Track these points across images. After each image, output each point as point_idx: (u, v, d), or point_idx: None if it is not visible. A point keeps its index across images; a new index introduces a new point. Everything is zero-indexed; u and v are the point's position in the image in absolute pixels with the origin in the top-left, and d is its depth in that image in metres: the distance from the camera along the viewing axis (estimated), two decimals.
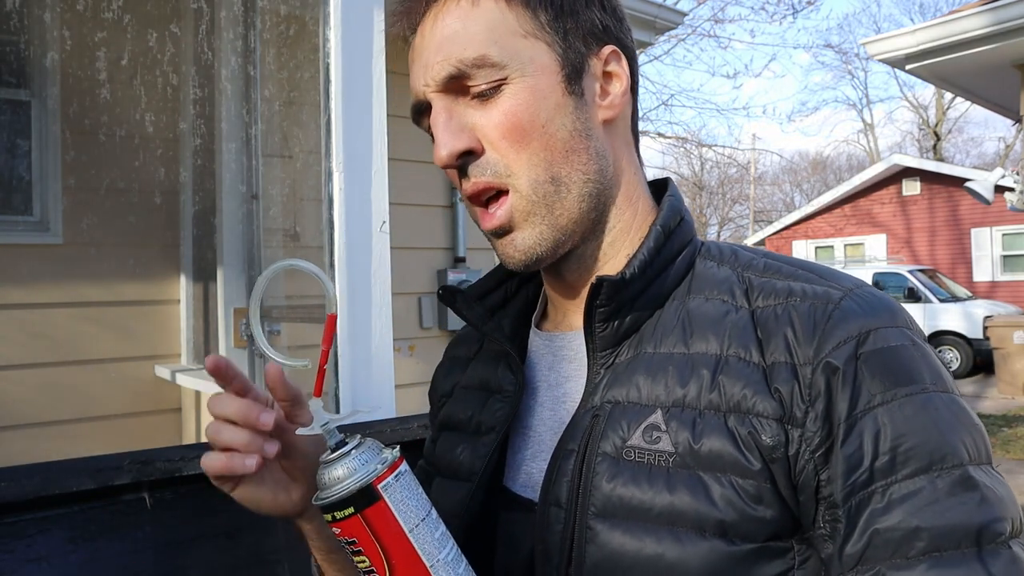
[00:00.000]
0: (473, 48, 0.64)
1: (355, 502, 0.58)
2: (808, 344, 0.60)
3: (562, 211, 0.67)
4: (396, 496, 0.58)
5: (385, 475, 0.59)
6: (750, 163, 28.27)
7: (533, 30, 0.65)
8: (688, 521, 0.58)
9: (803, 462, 0.57)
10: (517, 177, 0.66)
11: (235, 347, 2.73)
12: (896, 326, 0.61)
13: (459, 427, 0.78)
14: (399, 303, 3.29)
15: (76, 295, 2.83)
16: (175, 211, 3.06)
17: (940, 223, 15.52)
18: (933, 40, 5.25)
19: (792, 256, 0.71)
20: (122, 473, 1.12)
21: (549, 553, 0.64)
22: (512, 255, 0.68)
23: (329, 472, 0.59)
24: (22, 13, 2.70)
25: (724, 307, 0.65)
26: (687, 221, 0.72)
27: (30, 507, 1.07)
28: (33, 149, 2.79)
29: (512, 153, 0.65)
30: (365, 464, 0.59)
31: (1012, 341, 8.88)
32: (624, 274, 0.65)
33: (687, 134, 24.30)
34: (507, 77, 0.64)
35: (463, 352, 0.86)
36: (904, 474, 0.55)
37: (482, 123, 0.66)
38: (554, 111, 0.65)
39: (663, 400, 0.63)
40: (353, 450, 0.60)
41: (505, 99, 0.65)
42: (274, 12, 2.76)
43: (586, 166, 0.67)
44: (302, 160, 2.88)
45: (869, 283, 0.75)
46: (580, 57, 0.67)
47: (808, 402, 0.58)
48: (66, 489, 1.08)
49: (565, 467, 0.65)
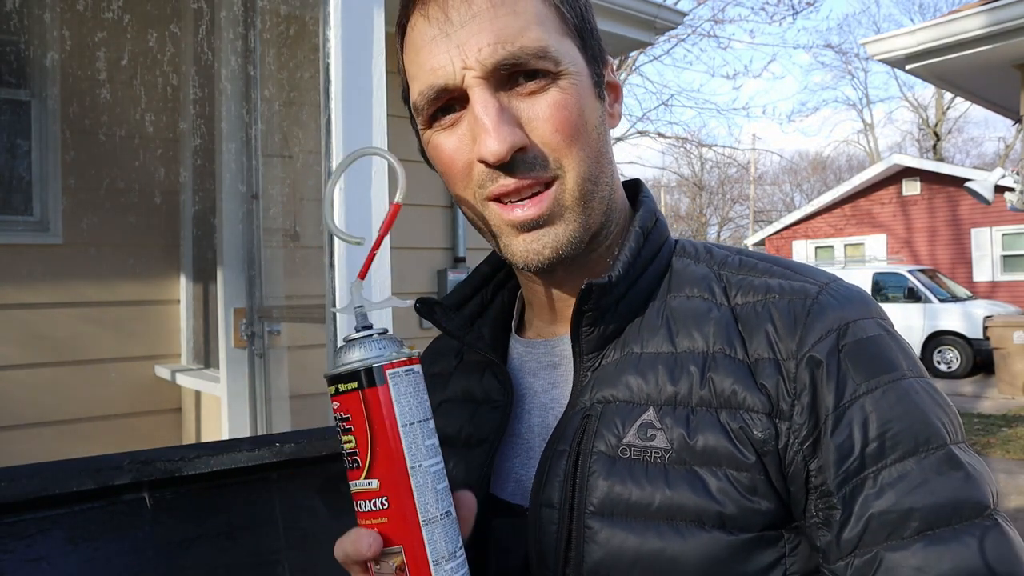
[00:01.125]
0: (533, 36, 0.61)
1: (360, 379, 0.58)
2: (790, 339, 0.61)
3: (592, 211, 0.66)
4: (400, 388, 0.59)
5: (397, 364, 0.59)
6: (750, 163, 28.28)
7: (568, 31, 0.65)
8: (688, 514, 0.60)
9: (792, 454, 0.59)
10: (566, 171, 0.64)
11: (235, 347, 2.73)
12: (871, 317, 0.63)
13: (448, 442, 0.76)
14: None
15: (76, 295, 2.83)
16: (175, 211, 3.06)
17: (940, 223, 15.51)
18: (933, 40, 5.26)
19: (763, 252, 0.73)
20: (122, 473, 1.12)
21: (544, 555, 0.64)
22: (539, 251, 0.65)
23: (348, 349, 0.60)
24: (22, 13, 2.70)
25: (705, 304, 0.67)
26: (662, 221, 0.73)
27: (30, 507, 1.07)
28: (33, 149, 2.79)
29: (564, 147, 0.63)
30: (383, 349, 0.59)
31: (1012, 341, 8.88)
32: (610, 276, 0.65)
33: (687, 134, 24.33)
34: (561, 72, 0.63)
35: (440, 368, 0.84)
36: (893, 458, 0.57)
37: (530, 116, 0.62)
38: (591, 112, 0.66)
39: (655, 398, 0.64)
40: (377, 335, 0.61)
41: (556, 94, 0.63)
42: (274, 12, 2.76)
43: (607, 169, 0.68)
44: (302, 160, 2.88)
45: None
46: (599, 65, 0.69)
47: (794, 396, 0.60)
48: (66, 489, 1.08)
49: (557, 467, 0.65)
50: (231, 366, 2.71)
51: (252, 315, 2.75)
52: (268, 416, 2.74)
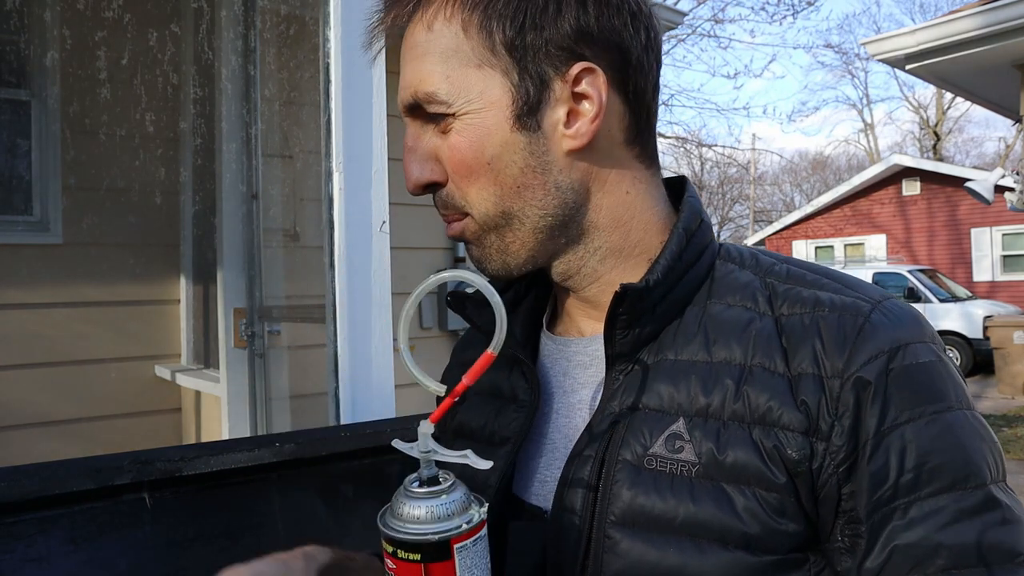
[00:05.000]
0: (426, 82, 0.63)
1: (425, 551, 0.54)
2: (838, 357, 0.59)
3: (513, 240, 0.67)
4: (466, 562, 0.55)
5: (465, 536, 0.55)
6: (750, 163, 28.28)
7: (488, 57, 0.62)
8: (712, 532, 0.58)
9: (826, 476, 0.57)
10: (471, 208, 0.66)
11: (235, 347, 2.73)
12: (924, 341, 0.60)
13: (473, 436, 0.76)
14: (399, 303, 3.28)
15: (76, 295, 2.83)
16: (175, 211, 3.06)
17: (940, 223, 15.51)
18: (933, 40, 5.26)
19: (810, 262, 0.69)
20: (122, 473, 1.12)
21: (562, 562, 0.63)
22: (482, 266, 0.70)
23: (410, 506, 0.55)
24: (22, 13, 2.70)
25: (747, 314, 0.64)
26: (706, 223, 0.70)
27: (30, 507, 1.07)
28: (33, 149, 2.79)
29: (464, 186, 0.65)
30: (450, 517, 0.55)
31: (1012, 341, 8.87)
32: (647, 280, 0.63)
33: (687, 134, 24.32)
34: (454, 114, 0.63)
35: (472, 356, 0.84)
36: (928, 491, 0.55)
37: (439, 154, 0.66)
38: (501, 148, 0.63)
39: (686, 408, 0.62)
40: (443, 494, 0.56)
41: (452, 135, 0.64)
42: (274, 12, 2.76)
43: (542, 201, 0.65)
44: (302, 160, 2.87)
45: (895, 294, 0.74)
46: (541, 84, 0.63)
47: (835, 416, 0.57)
48: (66, 489, 1.08)
49: (581, 473, 0.63)
50: (231, 366, 2.71)
51: (252, 315, 2.75)
52: (268, 416, 2.74)
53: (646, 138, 0.69)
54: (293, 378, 2.79)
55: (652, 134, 0.70)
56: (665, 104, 21.04)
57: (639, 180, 0.69)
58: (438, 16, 0.63)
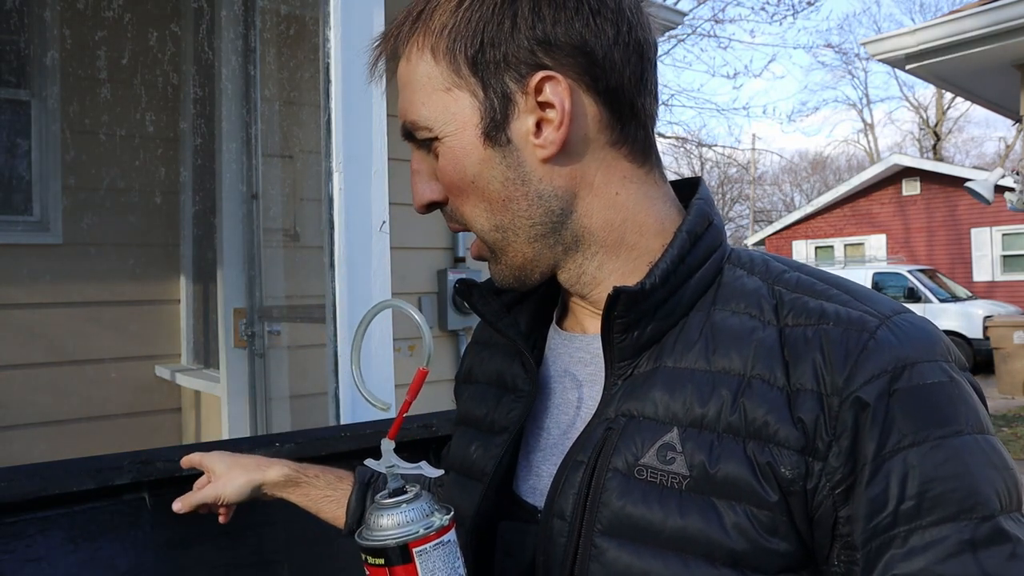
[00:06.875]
0: (409, 111, 0.67)
1: (388, 556, 0.59)
2: (838, 374, 0.56)
3: (514, 253, 0.68)
4: (428, 565, 0.59)
5: (424, 540, 0.59)
6: (750, 163, 28.29)
7: (455, 80, 0.64)
8: (698, 548, 0.57)
9: (821, 497, 0.55)
10: (470, 225, 0.69)
11: (235, 347, 2.73)
12: (934, 360, 0.57)
13: (475, 423, 0.78)
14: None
15: (76, 295, 2.83)
16: (175, 211, 3.06)
17: (940, 223, 15.51)
18: (933, 40, 5.26)
19: (825, 271, 0.67)
20: (122, 473, 1.12)
21: (550, 566, 0.63)
22: (499, 281, 0.72)
23: (378, 516, 0.61)
24: (22, 12, 2.70)
25: (751, 323, 0.62)
26: (716, 225, 0.67)
27: (30, 507, 1.07)
28: (33, 149, 2.79)
29: (459, 205, 0.69)
30: (411, 523, 0.60)
31: (1012, 341, 8.88)
32: (644, 284, 0.62)
33: (687, 134, 24.34)
34: (437, 137, 0.66)
35: (487, 338, 0.85)
36: (930, 520, 0.53)
37: (436, 176, 0.69)
38: (480, 166, 0.65)
39: (680, 418, 0.60)
40: (405, 504, 0.61)
41: (440, 158, 0.67)
42: (274, 12, 2.76)
43: (528, 211, 0.66)
44: (302, 160, 2.88)
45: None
46: (504, 99, 0.63)
47: (833, 436, 0.55)
48: (66, 489, 1.08)
49: (573, 479, 0.63)
50: (231, 366, 2.71)
51: (252, 315, 2.75)
52: (268, 416, 2.74)
53: (635, 135, 0.67)
54: (293, 378, 2.79)
55: (643, 130, 0.68)
56: (665, 104, 21.04)
57: (630, 180, 0.67)
58: (413, 47, 0.67)
